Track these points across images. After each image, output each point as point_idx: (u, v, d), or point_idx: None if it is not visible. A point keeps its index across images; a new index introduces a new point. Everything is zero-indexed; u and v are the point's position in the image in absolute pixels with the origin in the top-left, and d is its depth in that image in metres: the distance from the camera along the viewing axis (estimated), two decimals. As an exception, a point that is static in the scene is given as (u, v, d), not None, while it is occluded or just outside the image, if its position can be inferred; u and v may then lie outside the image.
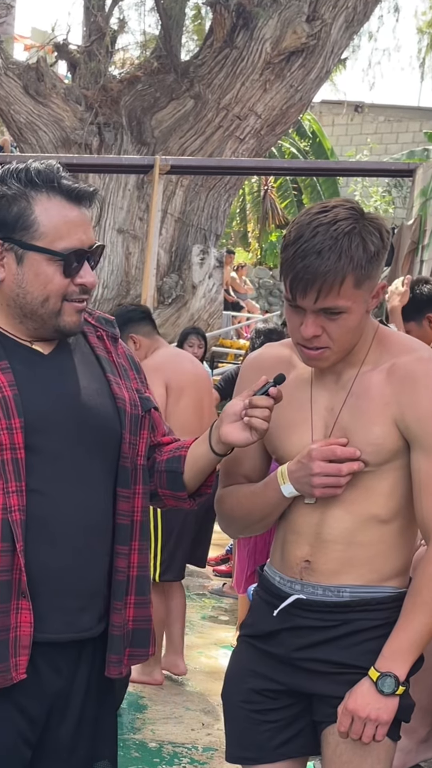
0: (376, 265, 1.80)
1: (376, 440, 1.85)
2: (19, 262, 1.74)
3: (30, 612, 1.71)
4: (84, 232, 1.76)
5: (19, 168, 1.75)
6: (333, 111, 20.69)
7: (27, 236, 1.72)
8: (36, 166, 1.75)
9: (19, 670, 1.71)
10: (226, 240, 18.55)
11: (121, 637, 1.85)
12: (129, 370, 1.95)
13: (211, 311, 11.22)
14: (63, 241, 1.73)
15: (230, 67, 10.83)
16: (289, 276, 1.79)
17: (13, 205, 1.73)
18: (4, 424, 1.70)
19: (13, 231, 1.73)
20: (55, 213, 1.73)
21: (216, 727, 3.73)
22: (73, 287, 1.76)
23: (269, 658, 1.99)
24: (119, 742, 3.45)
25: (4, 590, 1.69)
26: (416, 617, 1.82)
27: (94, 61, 11.36)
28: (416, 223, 7.80)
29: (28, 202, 1.73)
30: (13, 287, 1.75)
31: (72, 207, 1.75)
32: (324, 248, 1.74)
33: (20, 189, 1.73)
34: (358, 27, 11.50)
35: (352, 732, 1.83)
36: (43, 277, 1.74)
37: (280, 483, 1.89)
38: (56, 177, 1.74)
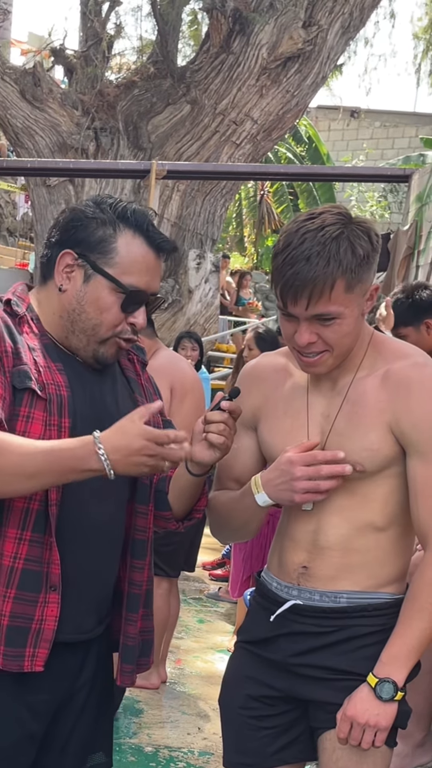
0: (366, 268, 1.80)
1: (372, 446, 1.85)
2: (85, 280, 1.80)
3: (57, 606, 1.75)
4: (152, 278, 1.83)
5: (118, 201, 1.84)
6: (329, 116, 20.72)
7: (102, 261, 1.79)
8: (134, 206, 1.83)
9: (35, 662, 1.75)
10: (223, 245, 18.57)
11: (134, 648, 1.91)
12: (153, 394, 2.01)
13: (208, 315, 11.23)
14: (131, 277, 1.79)
15: (227, 73, 10.84)
16: (279, 284, 1.80)
17: (100, 229, 1.80)
18: (56, 421, 1.75)
19: (91, 251, 1.79)
20: (135, 251, 1.80)
21: (212, 731, 3.73)
22: (125, 325, 1.82)
23: (266, 664, 1.99)
24: (115, 747, 3.47)
25: (33, 580, 1.74)
26: (414, 623, 1.82)
27: (90, 66, 11.37)
28: (412, 228, 7.81)
29: (115, 231, 1.80)
30: (72, 301, 1.80)
31: (150, 252, 1.82)
32: (312, 254, 1.75)
33: (112, 218, 1.80)
34: (355, 33, 11.51)
35: (351, 738, 1.83)
36: (102, 303, 1.79)
37: (254, 492, 1.89)
38: (147, 222, 1.82)
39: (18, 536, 1.74)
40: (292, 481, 1.83)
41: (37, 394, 1.73)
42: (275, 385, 2.00)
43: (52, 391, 1.75)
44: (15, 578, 1.73)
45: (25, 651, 1.74)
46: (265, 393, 2.01)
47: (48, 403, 1.74)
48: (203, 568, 6.53)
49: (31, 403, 1.73)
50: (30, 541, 1.74)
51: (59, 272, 1.81)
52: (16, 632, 1.73)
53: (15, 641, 1.73)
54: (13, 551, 1.73)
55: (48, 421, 1.74)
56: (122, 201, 1.84)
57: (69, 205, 1.89)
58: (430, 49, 17.15)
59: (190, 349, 6.58)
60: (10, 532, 1.74)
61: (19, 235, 16.20)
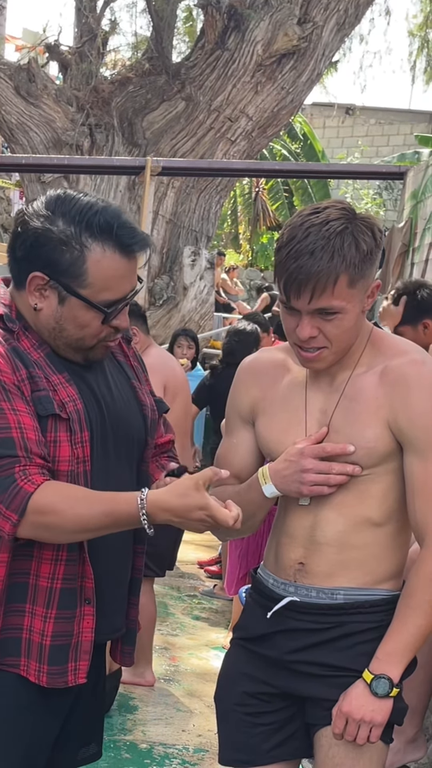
0: (369, 264, 1.80)
1: (368, 443, 1.85)
2: (60, 302, 1.74)
3: (93, 618, 1.77)
4: (129, 281, 1.77)
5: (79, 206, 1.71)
6: (324, 113, 20.73)
7: (74, 283, 1.72)
8: (98, 208, 1.71)
9: (78, 675, 1.77)
10: (217, 242, 18.55)
11: (134, 631, 1.95)
12: (142, 372, 2.00)
13: (202, 313, 11.22)
14: (107, 293, 1.74)
15: (221, 69, 10.84)
16: (282, 277, 1.79)
17: (67, 252, 1.70)
18: (78, 438, 1.74)
19: (62, 275, 1.71)
20: (107, 266, 1.72)
21: (207, 728, 3.73)
22: (108, 329, 1.78)
23: (262, 660, 1.99)
24: (110, 744, 3.46)
25: (70, 598, 1.75)
26: (410, 619, 1.82)
27: (85, 62, 11.35)
28: (407, 225, 7.82)
29: (82, 252, 1.70)
30: (50, 320, 1.76)
31: (123, 260, 1.73)
32: (316, 248, 1.74)
33: (76, 236, 1.69)
34: (350, 30, 11.51)
35: (347, 734, 1.84)
36: (81, 320, 1.75)
37: (261, 483, 1.90)
38: (115, 225, 1.71)
39: (54, 557, 1.74)
40: (302, 472, 1.84)
41: (59, 417, 1.72)
42: (273, 380, 2.00)
43: (71, 408, 1.74)
44: (55, 598, 1.74)
45: (67, 666, 1.76)
46: (262, 388, 2.01)
47: (70, 422, 1.73)
48: (199, 566, 6.52)
49: (55, 427, 1.72)
50: (66, 560, 1.75)
51: (31, 292, 1.74)
52: (59, 650, 1.75)
53: (58, 659, 1.75)
54: (51, 572, 1.74)
55: (72, 440, 1.73)
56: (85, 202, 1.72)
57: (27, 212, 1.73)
58: (425, 47, 17.16)
59: (186, 347, 6.56)
60: (45, 553, 1.74)
61: (14, 232, 16.15)
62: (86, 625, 1.77)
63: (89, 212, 1.71)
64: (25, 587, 1.74)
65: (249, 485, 1.95)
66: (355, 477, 1.87)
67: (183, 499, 1.66)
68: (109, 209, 1.73)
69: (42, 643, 1.74)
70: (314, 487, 1.85)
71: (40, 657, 1.74)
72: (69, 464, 1.73)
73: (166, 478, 1.86)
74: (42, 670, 1.74)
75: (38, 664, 1.74)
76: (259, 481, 1.90)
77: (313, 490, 1.85)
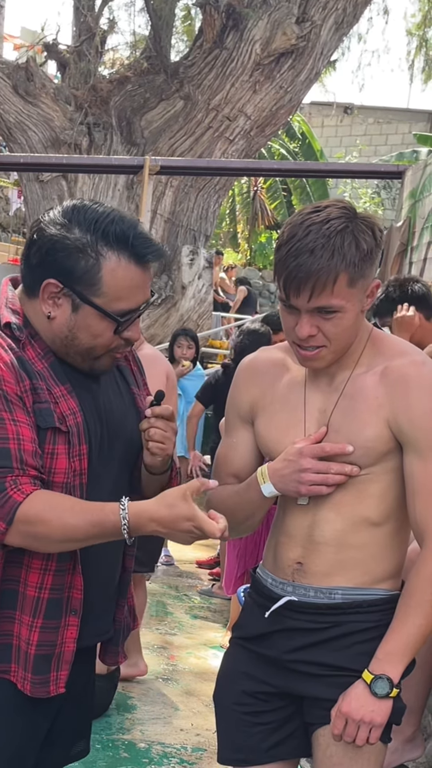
0: (369, 264, 1.80)
1: (367, 442, 1.85)
2: (74, 309, 1.73)
3: (76, 628, 1.78)
4: (143, 292, 1.77)
5: (97, 216, 1.71)
6: (322, 112, 20.74)
7: (89, 291, 1.71)
8: (114, 217, 1.72)
9: (59, 684, 1.77)
10: (216, 241, 18.56)
11: (120, 630, 1.95)
12: (141, 376, 2.00)
13: (201, 312, 11.22)
14: (121, 303, 1.73)
15: (220, 68, 10.84)
16: (282, 275, 1.79)
17: (82, 259, 1.70)
18: (77, 451, 1.74)
19: (77, 283, 1.71)
20: (122, 276, 1.71)
21: (205, 727, 3.73)
22: (119, 341, 1.78)
23: (261, 660, 1.99)
24: (108, 743, 3.46)
25: (56, 608, 1.76)
26: (410, 619, 1.82)
27: (83, 61, 11.36)
28: (405, 224, 7.81)
29: (97, 260, 1.70)
30: (63, 329, 1.75)
31: (138, 270, 1.73)
32: (317, 246, 1.74)
33: (92, 244, 1.69)
34: (348, 29, 11.52)
35: (346, 734, 1.83)
36: (94, 330, 1.74)
37: (260, 483, 1.90)
38: (131, 235, 1.71)
39: (43, 567, 1.75)
40: (300, 472, 1.84)
41: (59, 430, 1.72)
42: (272, 379, 2.00)
43: (71, 422, 1.74)
44: (41, 608, 1.74)
45: (49, 676, 1.76)
46: (262, 387, 2.00)
47: (69, 435, 1.73)
48: (197, 565, 6.52)
49: (54, 439, 1.72)
50: (55, 571, 1.75)
51: (44, 300, 1.74)
52: (42, 660, 1.75)
53: (41, 668, 1.75)
54: (38, 582, 1.74)
55: (70, 453, 1.73)
56: (101, 212, 1.72)
57: (43, 220, 1.73)
58: (424, 46, 17.16)
59: (186, 347, 6.53)
60: (35, 563, 1.74)
61: (12, 231, 16.17)
62: (69, 636, 1.77)
63: (105, 221, 1.71)
64: (14, 594, 1.75)
65: (248, 484, 1.95)
66: (353, 477, 1.87)
67: (171, 509, 1.65)
68: (125, 219, 1.73)
69: (27, 651, 1.74)
70: (313, 486, 1.85)
71: (26, 665, 1.75)
72: (65, 476, 1.73)
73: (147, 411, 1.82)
74: (26, 679, 1.75)
75: (24, 672, 1.75)
76: (258, 481, 1.91)
77: (312, 489, 1.85)
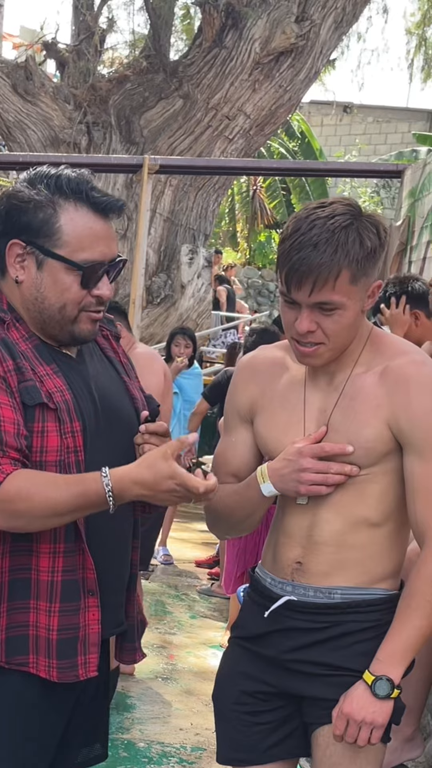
0: (372, 263, 1.79)
1: (367, 442, 1.85)
2: (39, 267, 1.75)
3: (98, 609, 1.76)
4: (107, 245, 1.77)
5: (50, 174, 1.75)
6: (322, 111, 20.72)
7: (49, 243, 1.73)
8: (67, 174, 1.76)
9: (89, 668, 1.76)
10: (215, 240, 18.54)
11: (134, 626, 1.93)
12: (132, 369, 2.00)
13: (200, 311, 11.22)
14: (84, 253, 1.74)
15: (219, 67, 10.83)
16: (284, 268, 1.78)
17: (39, 212, 1.73)
18: (69, 428, 1.73)
19: (37, 236, 1.73)
20: (81, 224, 1.74)
21: (204, 727, 3.73)
22: (89, 298, 1.78)
23: (260, 659, 1.99)
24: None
25: (73, 589, 1.74)
26: (411, 620, 1.82)
27: (83, 60, 11.34)
28: (405, 224, 7.81)
29: (55, 210, 1.73)
30: (32, 290, 1.76)
31: (98, 219, 1.75)
32: (320, 241, 1.74)
33: (48, 196, 1.73)
34: (347, 28, 11.51)
35: (348, 735, 1.83)
36: (60, 285, 1.75)
37: (260, 482, 1.89)
38: (86, 188, 1.75)
39: (52, 550, 1.74)
40: (300, 472, 1.84)
41: (47, 406, 1.72)
42: (272, 378, 1.99)
43: (59, 398, 1.73)
44: (57, 591, 1.73)
45: (77, 660, 1.74)
46: (261, 386, 2.00)
47: (58, 412, 1.72)
48: (196, 564, 6.52)
49: (43, 417, 1.72)
50: (64, 552, 1.74)
51: (12, 264, 1.76)
52: (67, 644, 1.74)
53: (67, 653, 1.74)
54: (50, 566, 1.74)
55: (62, 430, 1.73)
56: (56, 170, 1.76)
57: (4, 191, 1.79)
58: (423, 45, 17.16)
59: (184, 346, 6.52)
60: (43, 547, 1.73)
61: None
62: (92, 617, 1.76)
63: (61, 177, 1.75)
64: (27, 582, 1.74)
65: (247, 484, 1.94)
66: (353, 477, 1.86)
67: (152, 469, 1.66)
68: (81, 176, 1.77)
69: (49, 637, 1.73)
70: (312, 486, 1.84)
71: (49, 652, 1.73)
72: (58, 454, 1.72)
73: (142, 427, 1.82)
74: (52, 665, 1.73)
75: (47, 660, 1.73)
76: (258, 480, 1.90)
77: (311, 489, 1.85)
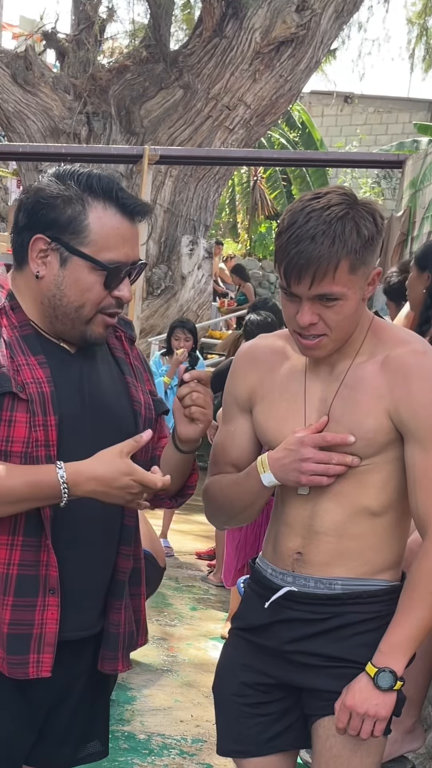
0: (371, 251, 1.77)
1: (368, 432, 1.84)
2: (62, 264, 1.73)
3: (57, 609, 1.73)
4: (131, 247, 1.76)
5: (80, 172, 1.74)
6: (323, 102, 20.64)
7: (76, 241, 1.71)
8: (98, 173, 1.75)
9: (42, 668, 1.73)
10: (216, 231, 18.53)
11: (118, 635, 1.88)
12: (143, 373, 1.97)
13: (200, 302, 11.20)
14: (110, 253, 1.72)
15: (219, 57, 10.79)
16: (283, 262, 1.77)
17: (68, 208, 1.71)
18: (41, 421, 1.71)
19: (63, 233, 1.71)
20: (108, 224, 1.72)
21: (205, 718, 3.73)
22: (110, 300, 1.76)
23: (261, 651, 1.98)
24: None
25: (29, 585, 1.72)
26: (413, 612, 1.81)
27: (82, 50, 11.30)
28: (406, 214, 7.79)
29: (83, 207, 1.71)
30: (51, 287, 1.74)
31: (125, 221, 1.74)
32: (317, 233, 1.72)
33: (78, 192, 1.72)
34: (348, 17, 11.46)
35: (350, 728, 1.82)
36: (83, 284, 1.73)
37: (260, 472, 1.88)
38: (116, 188, 1.74)
39: (9, 542, 1.72)
40: (301, 462, 1.82)
41: (18, 397, 1.69)
42: (271, 367, 1.98)
43: (33, 390, 1.70)
44: (11, 585, 1.71)
45: (28, 657, 1.72)
46: (260, 375, 1.98)
47: (30, 404, 1.69)
48: (197, 556, 6.51)
49: (12, 406, 1.69)
50: (23, 545, 1.72)
51: (33, 259, 1.74)
52: (17, 639, 1.71)
53: (17, 648, 1.72)
54: (6, 558, 1.71)
55: (32, 422, 1.69)
56: (85, 169, 1.75)
57: (32, 186, 1.77)
58: (424, 34, 17.10)
59: (184, 339, 6.48)
60: (0, 538, 1.71)
61: (11, 221, 16.13)
62: (50, 616, 1.73)
63: (91, 175, 1.74)
64: None
65: (247, 473, 1.93)
66: (354, 467, 1.85)
67: (109, 465, 1.65)
68: (111, 176, 1.76)
69: (0, 629, 1.71)
70: (313, 476, 1.83)
71: (2, 643, 1.71)
72: (24, 446, 1.69)
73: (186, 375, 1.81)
74: (4, 658, 1.72)
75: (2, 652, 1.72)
76: (258, 470, 1.89)
77: (312, 480, 1.83)
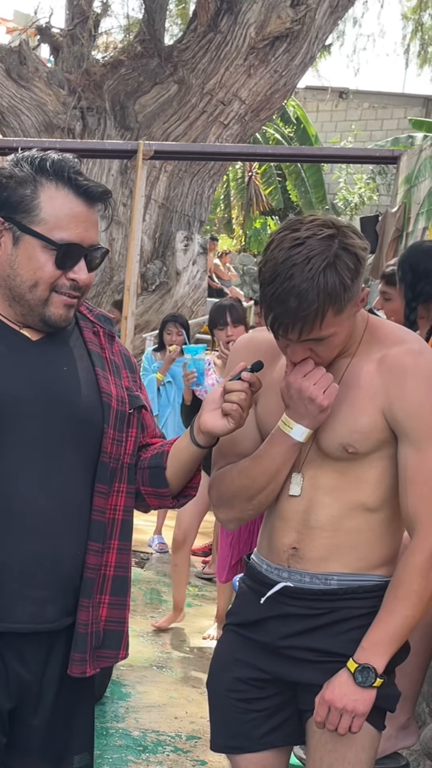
0: (355, 289, 1.76)
1: (362, 429, 1.83)
2: (15, 243, 1.74)
3: None
4: (86, 229, 1.76)
5: (36, 155, 1.77)
6: (317, 97, 20.60)
7: (27, 219, 1.73)
8: (52, 156, 1.76)
9: None
10: (210, 226, 18.50)
11: (86, 636, 1.80)
12: (122, 369, 1.93)
13: (195, 298, 11.18)
14: (61, 232, 1.73)
15: (214, 52, 10.76)
16: (269, 317, 1.77)
17: (20, 188, 1.74)
18: None
19: (15, 212, 1.74)
20: (59, 203, 1.74)
21: (199, 715, 3.73)
22: (63, 280, 1.76)
23: (255, 646, 1.97)
24: (102, 731, 3.45)
25: None
26: (397, 610, 1.80)
27: (77, 45, 11.27)
28: (400, 210, 7.78)
29: (35, 187, 1.74)
30: (5, 267, 1.76)
31: (79, 203, 1.75)
32: (301, 291, 1.70)
33: (30, 173, 1.75)
34: (343, 12, 11.45)
35: (329, 723, 1.82)
36: (34, 262, 1.74)
37: (287, 431, 1.84)
38: (69, 170, 1.75)
39: None
40: (311, 400, 1.79)
41: None
42: (271, 359, 1.96)
43: None
44: None
45: None
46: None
47: None
48: (193, 553, 6.51)
49: None
50: None
51: None
52: None
53: None
54: None
55: None
56: (44, 153, 1.77)
57: None
58: (419, 30, 17.09)
59: (176, 333, 6.49)
60: None
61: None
62: None
63: (45, 158, 1.76)
64: None
65: (269, 442, 1.88)
66: (349, 462, 1.85)
67: None
68: (66, 159, 1.77)
69: None
70: (327, 393, 1.80)
71: None
72: None
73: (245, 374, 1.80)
74: None
75: None
76: (284, 431, 1.85)
77: (330, 395, 1.80)
